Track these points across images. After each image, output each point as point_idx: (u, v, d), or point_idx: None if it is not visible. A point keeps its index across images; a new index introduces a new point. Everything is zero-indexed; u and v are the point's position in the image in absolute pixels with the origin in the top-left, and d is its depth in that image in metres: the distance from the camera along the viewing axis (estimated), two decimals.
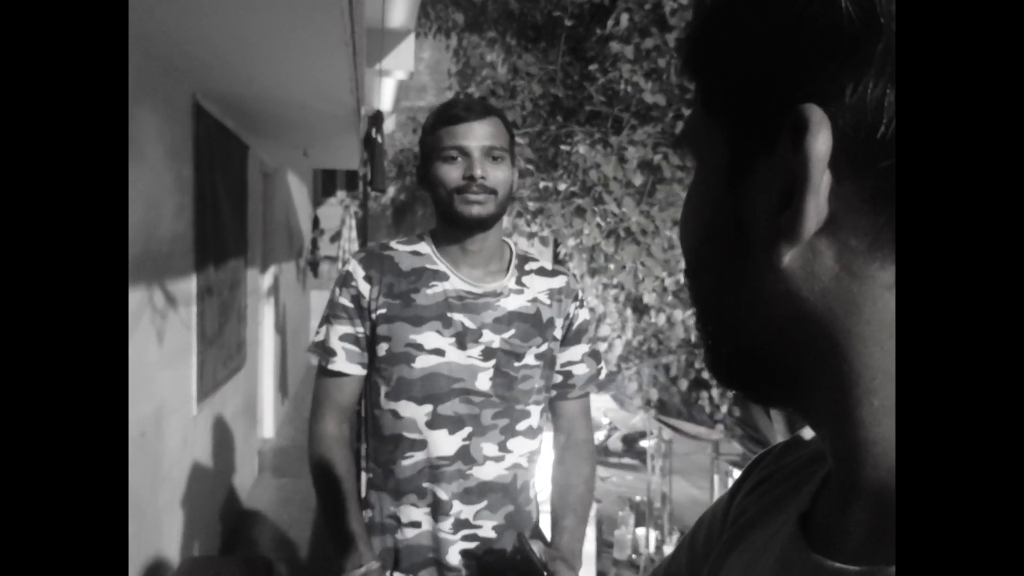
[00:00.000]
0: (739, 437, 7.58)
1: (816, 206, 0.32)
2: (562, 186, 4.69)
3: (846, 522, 0.35)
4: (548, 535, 1.50)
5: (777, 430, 6.24)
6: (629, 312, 5.63)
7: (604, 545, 6.38)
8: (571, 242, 4.78)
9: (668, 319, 5.34)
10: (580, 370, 1.53)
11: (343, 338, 1.43)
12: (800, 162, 0.31)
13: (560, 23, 4.94)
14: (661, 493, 7.86)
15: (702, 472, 8.67)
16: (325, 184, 9.49)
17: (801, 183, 0.32)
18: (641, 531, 7.34)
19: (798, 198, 0.32)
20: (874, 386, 0.33)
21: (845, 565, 0.33)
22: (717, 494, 7.54)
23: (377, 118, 4.18)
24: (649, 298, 5.05)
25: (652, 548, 7.27)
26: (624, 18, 4.22)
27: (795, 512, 0.41)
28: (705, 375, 5.69)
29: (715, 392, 5.89)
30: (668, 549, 7.30)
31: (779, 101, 0.32)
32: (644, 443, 8.69)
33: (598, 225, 4.60)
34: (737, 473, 8.32)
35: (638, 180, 4.38)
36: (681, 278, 4.98)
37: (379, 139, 4.13)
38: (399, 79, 5.05)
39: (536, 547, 1.13)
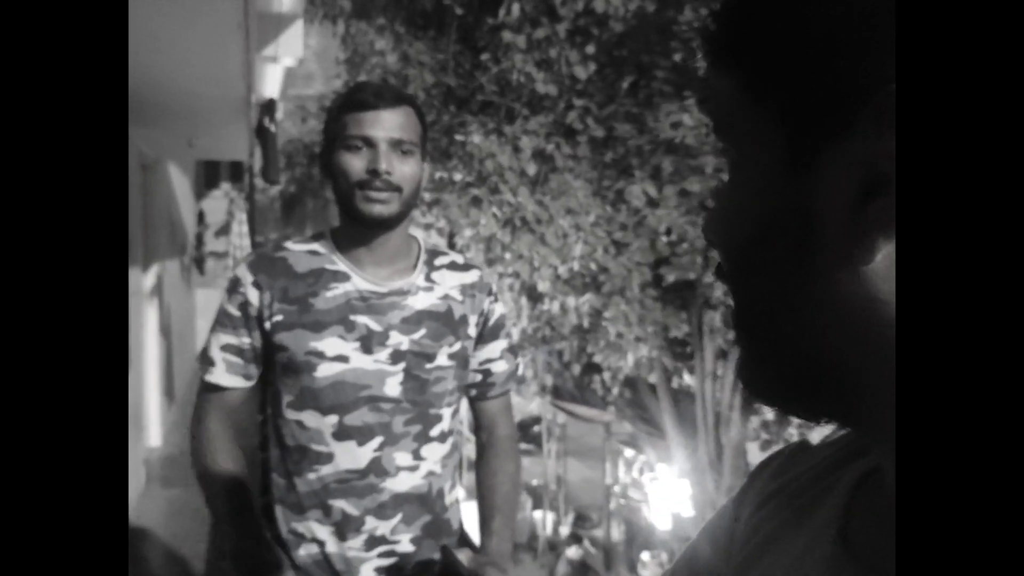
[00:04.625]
0: (629, 418, 7.87)
1: None
2: (457, 176, 4.71)
3: None
4: (476, 535, 1.44)
5: (664, 409, 6.50)
6: (524, 300, 5.72)
7: None
8: (467, 232, 4.80)
9: (561, 306, 5.46)
10: (499, 367, 1.47)
11: (225, 348, 1.32)
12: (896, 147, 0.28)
13: (450, 11, 4.94)
14: (556, 476, 8.02)
15: (595, 453, 8.93)
16: (208, 176, 9.06)
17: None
18: (538, 514, 7.47)
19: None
20: None
21: None
22: (609, 474, 7.78)
23: (270, 106, 4.05)
24: (543, 286, 5.14)
25: (549, 530, 7.41)
26: (515, 8, 4.27)
27: (830, 527, 0.38)
28: (597, 359, 5.81)
29: (607, 376, 6.05)
30: (564, 531, 7.46)
31: (853, 82, 0.29)
32: (538, 428, 8.86)
33: (494, 215, 4.65)
34: (629, 452, 8.54)
35: (532, 170, 4.46)
36: (574, 265, 5.09)
37: (272, 128, 4.00)
38: (287, 66, 4.91)
39: (463, 556, 1.08)
